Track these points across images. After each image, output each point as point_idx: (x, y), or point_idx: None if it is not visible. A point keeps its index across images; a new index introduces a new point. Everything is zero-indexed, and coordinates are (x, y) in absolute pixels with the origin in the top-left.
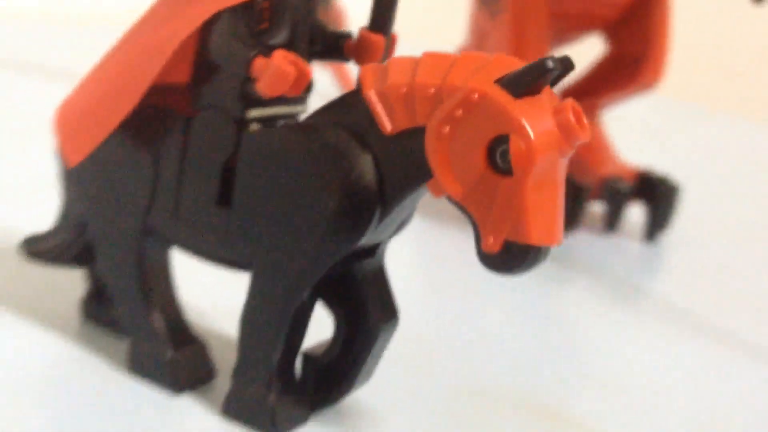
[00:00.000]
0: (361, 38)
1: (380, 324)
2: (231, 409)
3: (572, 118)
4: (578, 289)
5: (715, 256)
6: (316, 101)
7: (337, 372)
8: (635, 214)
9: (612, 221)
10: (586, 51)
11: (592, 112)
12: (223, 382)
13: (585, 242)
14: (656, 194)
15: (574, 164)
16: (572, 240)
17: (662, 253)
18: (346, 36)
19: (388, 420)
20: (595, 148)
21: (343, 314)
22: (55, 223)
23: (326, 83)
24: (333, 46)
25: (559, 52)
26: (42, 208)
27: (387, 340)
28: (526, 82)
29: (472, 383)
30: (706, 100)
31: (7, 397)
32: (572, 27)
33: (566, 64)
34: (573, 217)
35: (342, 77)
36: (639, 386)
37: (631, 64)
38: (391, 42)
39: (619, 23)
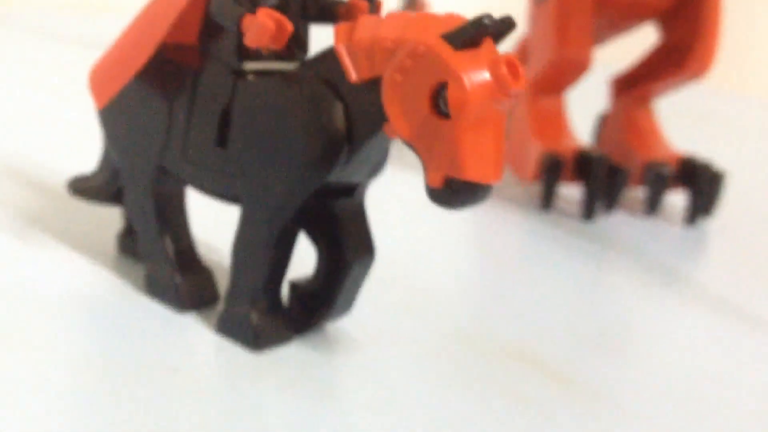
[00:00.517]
0: (349, 4)
1: (355, 259)
2: (222, 327)
3: (505, 70)
4: (613, 267)
5: (756, 244)
6: None
7: (318, 300)
8: (679, 199)
9: (653, 204)
10: (643, 40)
11: (643, 98)
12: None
13: (625, 224)
14: (698, 180)
15: (619, 148)
16: (612, 221)
17: (702, 238)
18: (337, 2)
19: (364, 347)
20: (642, 133)
21: (324, 248)
22: (96, 166)
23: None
24: (326, 10)
25: (615, 40)
26: (88, 153)
27: (363, 274)
28: (465, 36)
29: (471, 334)
30: (759, 91)
31: (47, 310)
32: (623, 16)
33: (505, 23)
34: (612, 199)
35: None
36: (660, 361)
37: (681, 53)
38: (375, 6)
39: (670, 13)
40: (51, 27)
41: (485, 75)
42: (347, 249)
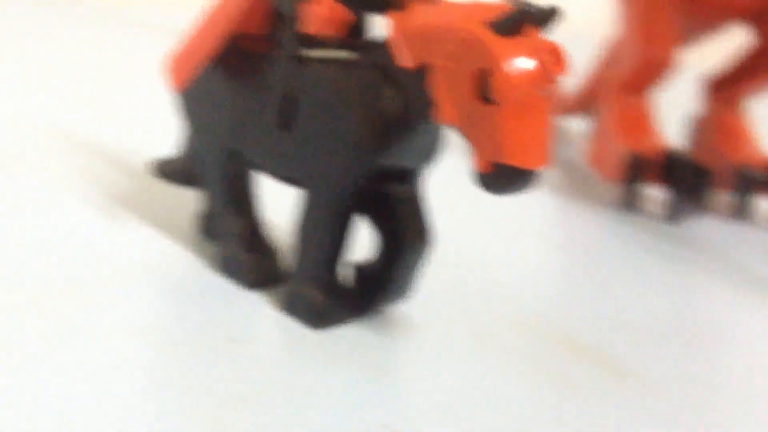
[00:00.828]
0: None
1: (411, 244)
2: (285, 304)
3: (548, 57)
4: (697, 271)
5: None
6: None
7: (377, 283)
8: None
9: (742, 209)
10: (739, 42)
11: (736, 101)
12: None
13: (712, 228)
14: None
15: (711, 150)
16: (698, 225)
17: None
18: None
19: (423, 331)
20: (733, 136)
21: (383, 233)
22: (177, 150)
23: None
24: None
25: (705, 40)
26: (172, 136)
27: (418, 260)
28: (509, 24)
29: (534, 325)
30: None
31: (127, 281)
32: (712, 16)
33: (551, 11)
34: (698, 202)
35: None
36: (740, 368)
37: None
38: None
39: (763, 13)
40: (137, 18)
41: (528, 61)
42: (403, 234)
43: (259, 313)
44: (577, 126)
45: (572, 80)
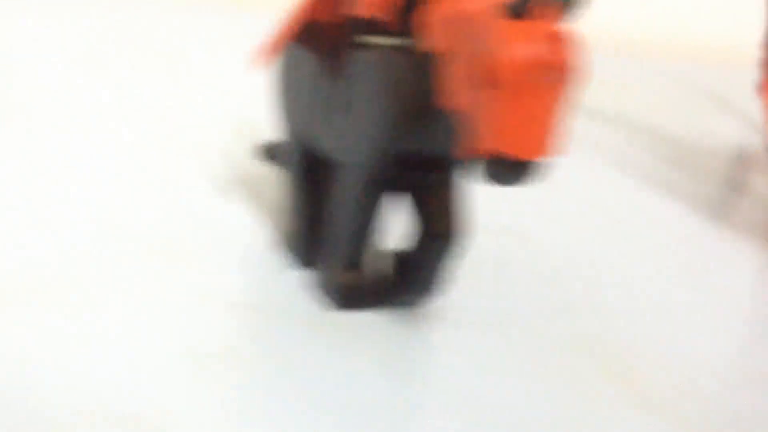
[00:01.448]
0: None
1: (434, 236)
2: (315, 284)
3: (549, 42)
4: None
5: None
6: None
7: (405, 273)
8: None
9: None
10: None
11: None
12: None
13: None
14: None
15: None
16: None
17: None
18: None
19: (455, 332)
20: None
21: (418, 223)
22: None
23: None
24: None
25: None
26: None
27: (441, 255)
28: (521, 6)
29: (600, 339)
30: None
31: (207, 248)
32: None
33: None
34: None
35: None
36: None
37: None
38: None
39: None
40: None
41: (531, 46)
42: (428, 225)
43: (296, 288)
44: None
45: None
